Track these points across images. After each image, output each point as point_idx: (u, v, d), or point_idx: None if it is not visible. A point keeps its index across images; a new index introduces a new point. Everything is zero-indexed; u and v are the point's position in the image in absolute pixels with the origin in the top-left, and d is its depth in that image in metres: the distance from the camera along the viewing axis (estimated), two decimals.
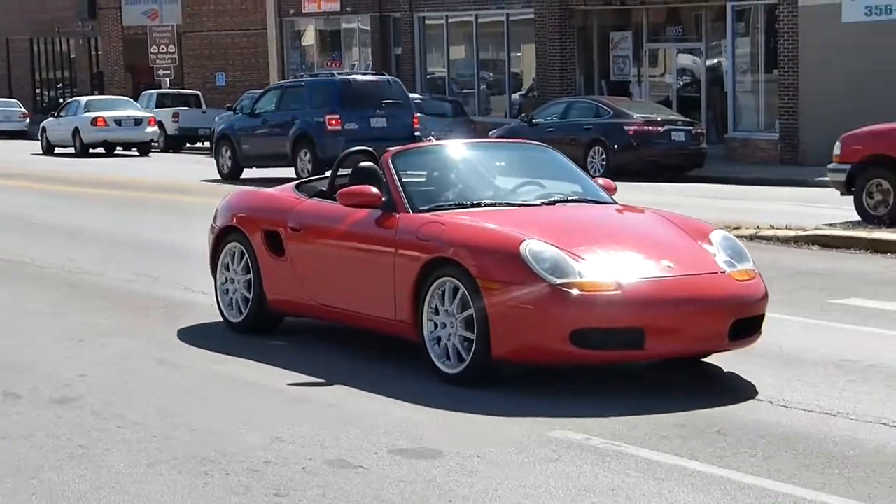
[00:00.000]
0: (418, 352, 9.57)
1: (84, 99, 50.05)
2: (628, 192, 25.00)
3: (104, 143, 45.35)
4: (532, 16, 41.77)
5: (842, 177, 19.39)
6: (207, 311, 12.11)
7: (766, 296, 9.42)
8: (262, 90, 36.52)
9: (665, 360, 9.76)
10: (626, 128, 31.34)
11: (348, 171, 10.89)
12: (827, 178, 20.85)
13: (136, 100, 51.34)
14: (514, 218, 9.80)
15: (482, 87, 45.27)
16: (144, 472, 7.33)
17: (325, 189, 10.99)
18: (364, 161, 10.73)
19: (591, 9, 40.27)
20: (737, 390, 9.11)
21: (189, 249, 16.22)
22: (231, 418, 8.52)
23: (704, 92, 37.65)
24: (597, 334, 8.81)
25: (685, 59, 38.93)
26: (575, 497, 6.80)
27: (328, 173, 11.67)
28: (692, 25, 38.30)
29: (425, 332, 9.36)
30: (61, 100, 60.33)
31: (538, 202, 10.31)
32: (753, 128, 35.89)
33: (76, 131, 45.47)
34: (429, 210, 9.89)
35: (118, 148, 45.64)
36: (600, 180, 11.21)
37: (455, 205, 10.06)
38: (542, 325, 8.80)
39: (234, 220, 11.34)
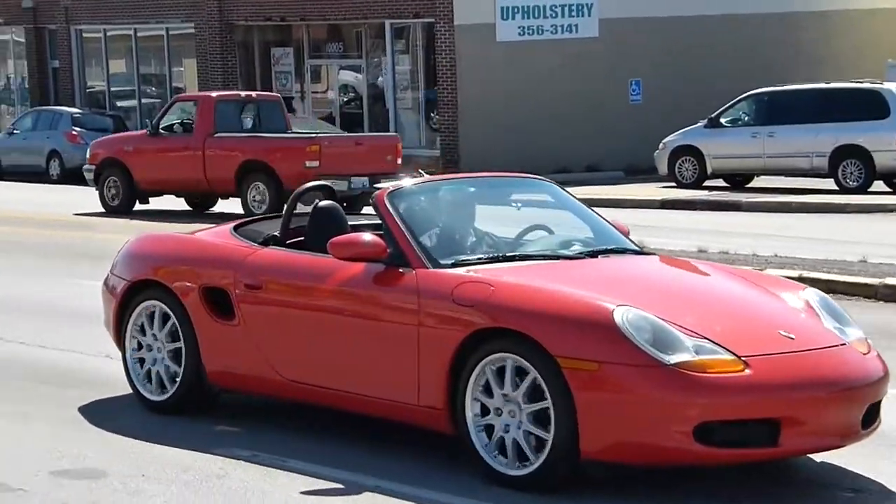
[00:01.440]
0: (436, 440, 7.82)
1: None
2: None
3: None
4: (192, 30, 41.40)
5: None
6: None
7: (887, 373, 7.50)
8: None
9: None
10: None
11: (306, 210, 8.80)
12: None
13: None
14: (569, 275, 7.89)
15: (143, 100, 44.37)
16: None
17: (276, 234, 8.76)
18: (323, 199, 8.81)
19: (252, 24, 40.10)
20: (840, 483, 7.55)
21: None
22: None
23: (367, 108, 37.77)
24: (727, 429, 6.85)
25: (347, 76, 39.07)
26: None
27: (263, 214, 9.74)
28: (353, 42, 38.42)
29: (469, 420, 7.33)
30: None
31: (578, 254, 8.28)
32: (416, 144, 36.05)
33: None
34: (454, 265, 7.84)
35: None
36: (609, 219, 9.03)
37: (487, 258, 8.03)
38: (657, 417, 6.84)
39: (154, 273, 8.96)
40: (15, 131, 39.23)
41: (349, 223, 8.57)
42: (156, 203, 25.85)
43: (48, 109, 40.21)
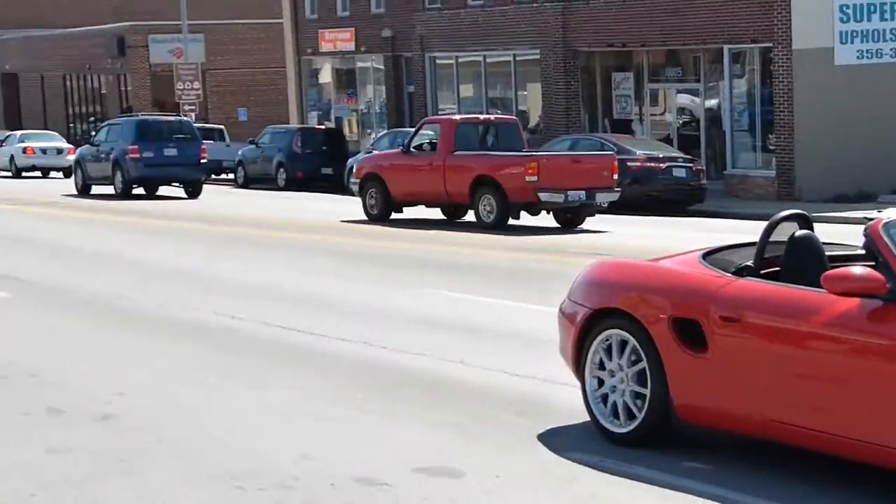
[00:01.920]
0: None
1: (19, 132, 57.52)
2: (632, 226, 25.44)
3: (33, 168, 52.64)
4: (538, 56, 41.98)
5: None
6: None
7: None
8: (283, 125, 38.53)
9: None
10: (629, 164, 31.01)
11: (780, 240, 8.06)
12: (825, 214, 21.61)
13: None
14: None
15: None
16: (182, 483, 7.37)
17: (750, 264, 8.07)
18: (800, 230, 8.13)
19: (594, 50, 40.48)
20: None
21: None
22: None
23: (703, 130, 37.59)
24: None
25: (684, 99, 38.99)
26: None
27: (732, 242, 9.28)
28: (691, 67, 38.40)
29: None
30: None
31: None
32: (751, 165, 36.00)
33: (11, 158, 53.08)
34: None
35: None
36: None
37: None
38: None
39: (618, 301, 8.34)
40: (374, 151, 41.33)
41: (826, 252, 8.03)
42: (409, 212, 28.01)
43: (404, 131, 41.52)
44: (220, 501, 7.09)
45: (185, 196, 37.95)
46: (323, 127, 49.21)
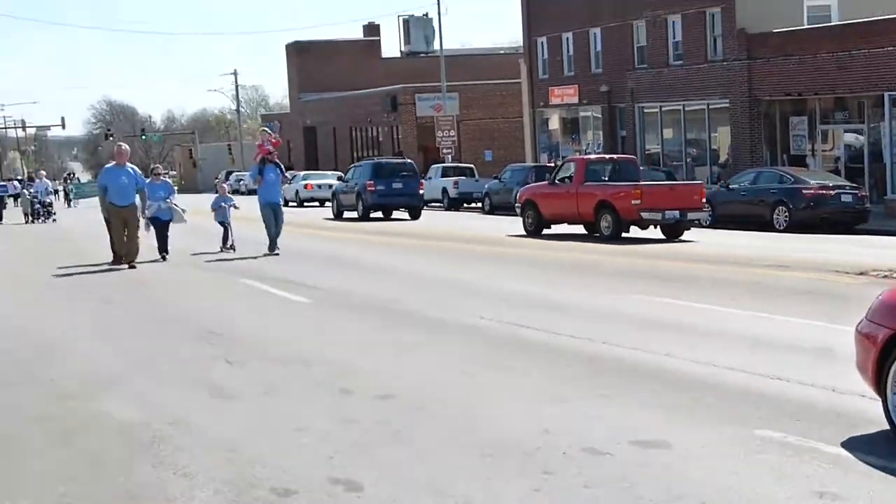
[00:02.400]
0: None
1: (302, 173, 61.45)
2: (811, 242, 25.07)
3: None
4: (727, 104, 41.76)
5: None
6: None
7: None
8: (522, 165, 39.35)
9: None
10: (804, 191, 30.94)
11: None
12: None
13: (426, 172, 53.14)
14: None
15: (688, 159, 45.19)
16: (446, 450, 7.45)
17: None
18: None
19: (774, 99, 40.03)
20: None
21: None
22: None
23: (867, 163, 36.83)
24: None
25: (850, 137, 38.22)
26: None
27: None
28: (856, 111, 37.65)
29: None
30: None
31: None
32: None
33: (296, 192, 55.70)
34: None
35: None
36: None
37: None
38: None
39: None
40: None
41: None
42: (557, 229, 29.40)
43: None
44: (477, 465, 7.08)
45: (408, 217, 40.29)
46: (552, 165, 49.82)
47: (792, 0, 41.12)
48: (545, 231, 29.39)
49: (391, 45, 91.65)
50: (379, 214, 41.25)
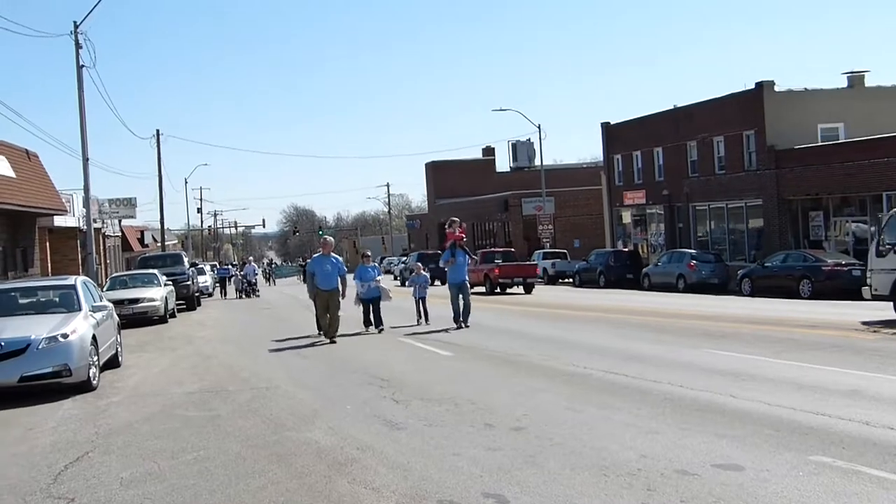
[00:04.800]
0: None
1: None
2: (830, 307, 24.49)
3: None
4: (760, 203, 40.82)
5: None
6: None
7: None
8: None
9: None
10: (823, 268, 30.43)
11: None
12: None
13: (529, 258, 52.87)
14: None
15: (730, 245, 43.94)
16: (569, 471, 7.20)
17: None
18: None
19: (797, 198, 39.01)
20: None
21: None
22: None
23: (871, 246, 35.45)
24: None
25: (855, 227, 36.95)
26: None
27: None
28: (860, 206, 36.42)
29: None
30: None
31: None
32: None
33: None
34: None
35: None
36: None
37: None
38: None
39: None
40: (659, 264, 41.13)
41: None
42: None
43: (678, 252, 41.18)
44: (594, 482, 6.85)
45: (523, 292, 39.02)
46: (626, 250, 49.27)
47: (809, 123, 40.28)
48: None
49: (503, 163, 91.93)
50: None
